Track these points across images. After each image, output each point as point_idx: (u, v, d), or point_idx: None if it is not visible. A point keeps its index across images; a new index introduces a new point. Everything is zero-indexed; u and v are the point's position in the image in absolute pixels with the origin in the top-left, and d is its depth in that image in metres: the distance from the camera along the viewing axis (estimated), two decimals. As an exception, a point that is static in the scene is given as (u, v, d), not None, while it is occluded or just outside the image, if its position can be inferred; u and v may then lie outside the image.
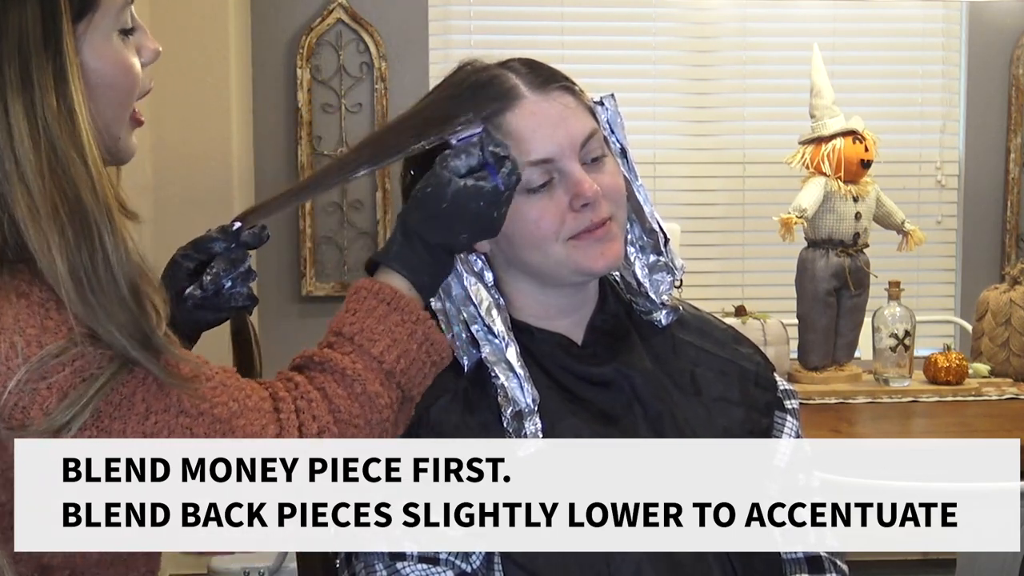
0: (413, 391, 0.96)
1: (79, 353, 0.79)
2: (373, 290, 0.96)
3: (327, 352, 0.93)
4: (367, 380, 0.92)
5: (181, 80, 3.02)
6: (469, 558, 1.02)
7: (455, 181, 0.97)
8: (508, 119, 1.03)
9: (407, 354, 0.94)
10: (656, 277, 1.14)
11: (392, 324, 0.94)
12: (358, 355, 0.93)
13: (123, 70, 0.88)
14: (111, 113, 0.88)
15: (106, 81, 0.87)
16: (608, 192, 1.05)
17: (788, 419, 1.18)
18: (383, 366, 0.93)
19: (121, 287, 0.81)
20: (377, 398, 0.92)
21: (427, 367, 0.97)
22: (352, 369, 0.92)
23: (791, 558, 1.16)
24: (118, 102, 0.89)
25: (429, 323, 0.97)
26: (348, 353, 0.93)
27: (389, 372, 0.93)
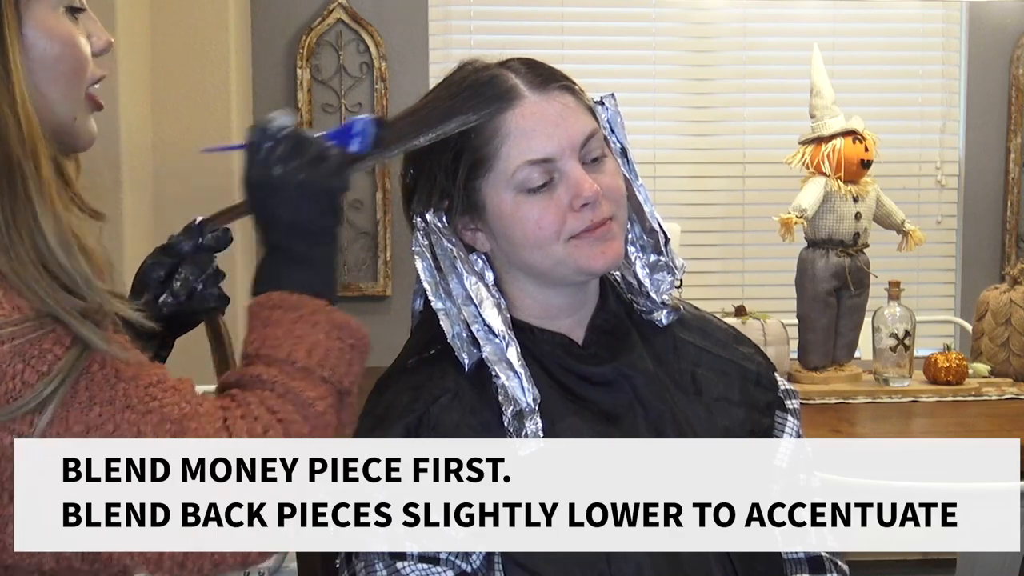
0: (344, 382, 0.93)
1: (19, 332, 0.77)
2: (259, 303, 0.93)
3: (241, 371, 0.92)
4: (286, 382, 0.90)
5: (181, 80, 3.02)
6: (469, 558, 1.02)
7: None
8: (508, 118, 1.03)
9: (317, 346, 0.91)
10: (657, 277, 1.14)
11: (289, 324, 0.92)
12: (267, 364, 0.91)
13: (69, 45, 0.87)
14: (60, 90, 0.87)
15: (52, 54, 0.86)
16: (608, 192, 1.05)
17: (789, 419, 1.18)
18: (296, 365, 0.90)
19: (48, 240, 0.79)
20: (303, 393, 0.89)
21: (346, 352, 0.93)
22: (268, 374, 0.90)
23: (792, 558, 1.16)
24: (66, 78, 0.88)
25: (328, 310, 0.93)
26: (258, 366, 0.91)
27: (305, 368, 0.91)
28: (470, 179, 1.05)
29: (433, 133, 1.01)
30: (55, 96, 0.87)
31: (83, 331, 0.80)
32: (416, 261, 1.06)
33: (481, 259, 1.09)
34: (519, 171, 1.03)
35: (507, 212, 1.04)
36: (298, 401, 0.89)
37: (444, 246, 1.06)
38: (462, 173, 1.05)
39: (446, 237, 1.06)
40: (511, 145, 1.03)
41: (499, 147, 1.03)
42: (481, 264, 1.09)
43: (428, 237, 1.07)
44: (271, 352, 0.91)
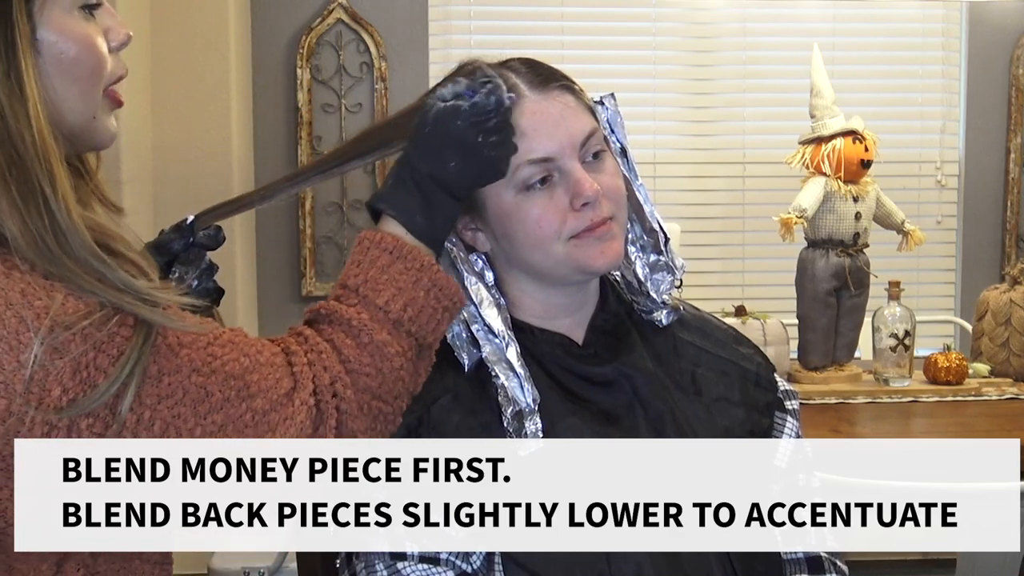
0: (428, 338, 0.96)
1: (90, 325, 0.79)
2: (375, 240, 0.95)
3: (333, 304, 0.94)
4: (373, 330, 0.92)
5: (181, 80, 3.02)
6: (470, 558, 1.02)
7: (437, 105, 0.96)
8: None
9: (414, 302, 0.94)
10: (657, 276, 1.14)
11: (395, 273, 0.94)
12: (363, 306, 0.93)
13: (86, 46, 0.87)
14: (78, 90, 0.87)
15: (69, 56, 0.86)
16: (608, 191, 1.05)
17: (788, 419, 1.18)
18: (389, 316, 0.93)
19: (75, 246, 0.80)
20: (386, 347, 0.92)
21: (438, 313, 0.96)
22: (358, 320, 0.92)
23: (791, 558, 1.16)
24: (84, 79, 0.88)
25: (434, 268, 0.96)
26: (353, 305, 0.93)
27: (396, 321, 0.93)
28: None
29: None
30: (73, 98, 0.87)
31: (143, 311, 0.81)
32: None
33: (481, 259, 1.09)
34: (519, 170, 1.03)
35: (507, 211, 1.04)
36: (379, 353, 0.92)
37: (445, 246, 1.06)
38: None
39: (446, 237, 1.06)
40: None
41: None
42: (481, 264, 1.09)
43: None
44: (370, 295, 0.93)
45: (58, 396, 0.77)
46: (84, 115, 0.88)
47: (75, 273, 0.80)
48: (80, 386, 0.77)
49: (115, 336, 0.79)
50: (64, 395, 0.77)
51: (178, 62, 3.01)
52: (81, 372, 0.78)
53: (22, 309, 0.77)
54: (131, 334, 0.80)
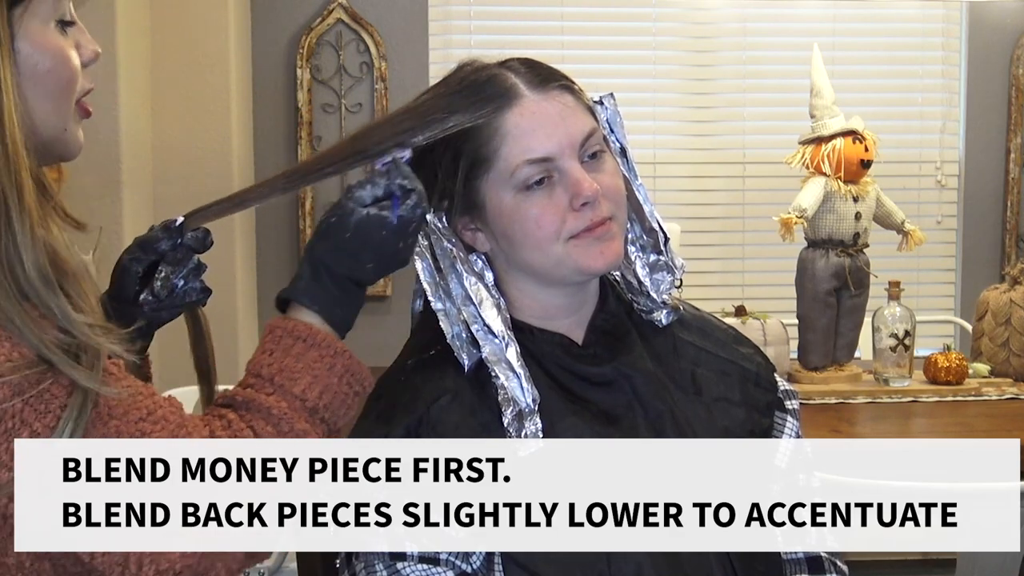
0: (338, 423, 0.95)
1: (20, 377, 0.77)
2: (288, 328, 0.94)
3: (250, 392, 0.92)
4: (293, 419, 0.90)
5: (181, 80, 3.02)
6: (469, 558, 1.02)
7: (358, 211, 0.95)
8: (507, 118, 1.03)
9: (328, 389, 0.93)
10: (656, 276, 1.14)
11: (311, 361, 0.93)
12: (280, 395, 0.91)
13: (61, 60, 0.88)
14: (51, 104, 0.87)
15: (44, 68, 0.86)
16: (608, 191, 1.05)
17: (788, 419, 1.18)
18: (306, 404, 0.92)
19: (28, 270, 0.79)
20: (305, 435, 0.91)
21: (349, 398, 0.96)
22: (277, 408, 0.90)
23: (791, 558, 1.16)
24: (58, 92, 0.88)
25: (347, 354, 0.95)
26: (271, 394, 0.91)
27: (312, 409, 0.92)
28: (470, 179, 1.05)
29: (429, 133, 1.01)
30: (46, 109, 0.87)
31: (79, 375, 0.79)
32: (416, 262, 1.06)
33: (481, 259, 1.09)
34: (518, 170, 1.03)
35: (507, 211, 1.04)
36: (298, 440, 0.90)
37: (444, 246, 1.06)
38: (462, 173, 1.05)
39: (446, 237, 1.06)
40: (510, 145, 1.03)
41: (499, 147, 1.03)
42: (481, 264, 1.09)
43: (428, 238, 1.07)
44: (286, 384, 0.92)
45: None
46: (56, 127, 0.88)
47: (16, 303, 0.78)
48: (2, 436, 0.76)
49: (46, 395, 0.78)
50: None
51: (178, 62, 3.01)
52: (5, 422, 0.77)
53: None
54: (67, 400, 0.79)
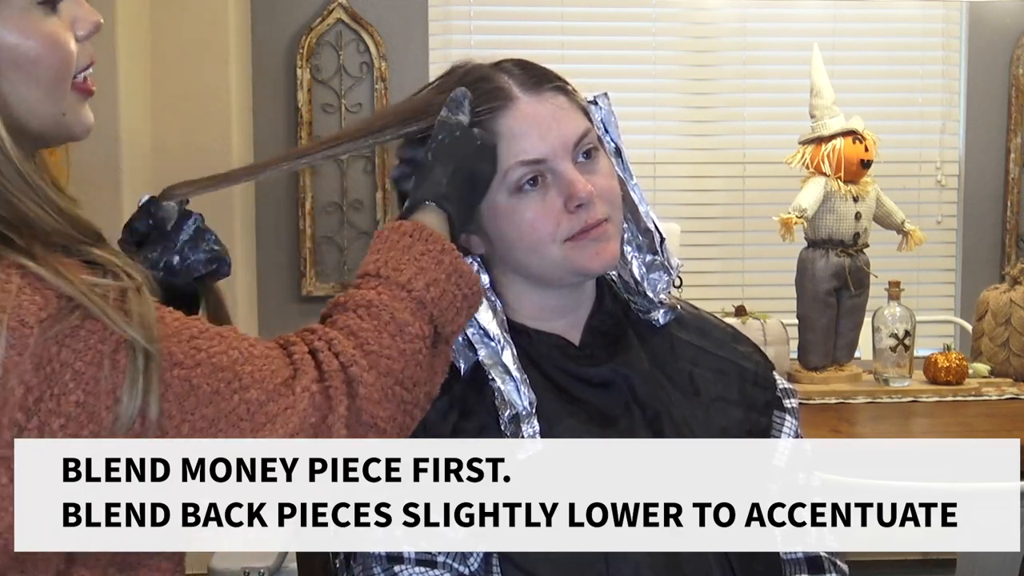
0: (447, 327, 0.92)
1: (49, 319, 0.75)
2: (394, 227, 0.94)
3: (352, 292, 0.91)
4: (395, 308, 0.88)
5: (181, 80, 3.02)
6: (467, 560, 1.02)
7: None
8: (500, 120, 1.03)
9: (436, 283, 0.91)
10: (653, 276, 1.14)
11: (417, 253, 0.91)
12: (384, 286, 0.90)
13: (48, 45, 0.84)
14: (42, 90, 0.85)
15: (29, 57, 0.83)
16: (602, 192, 1.04)
17: (787, 418, 1.18)
18: (412, 294, 0.90)
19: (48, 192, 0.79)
20: (407, 327, 0.88)
21: (459, 300, 0.93)
22: (378, 300, 0.88)
23: (790, 558, 1.16)
24: (48, 79, 0.85)
25: (456, 254, 0.94)
26: (374, 287, 0.90)
27: (419, 301, 0.90)
28: None
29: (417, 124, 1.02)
30: (38, 97, 0.84)
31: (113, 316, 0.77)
32: None
33: (476, 262, 1.09)
34: (511, 172, 1.02)
35: (501, 214, 1.04)
36: (401, 334, 0.88)
37: None
38: None
39: None
40: (503, 147, 1.02)
41: None
42: (476, 267, 1.08)
43: None
44: (391, 274, 0.90)
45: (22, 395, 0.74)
46: (51, 115, 0.86)
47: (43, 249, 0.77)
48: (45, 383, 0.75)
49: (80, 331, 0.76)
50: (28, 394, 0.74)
51: (178, 62, 3.01)
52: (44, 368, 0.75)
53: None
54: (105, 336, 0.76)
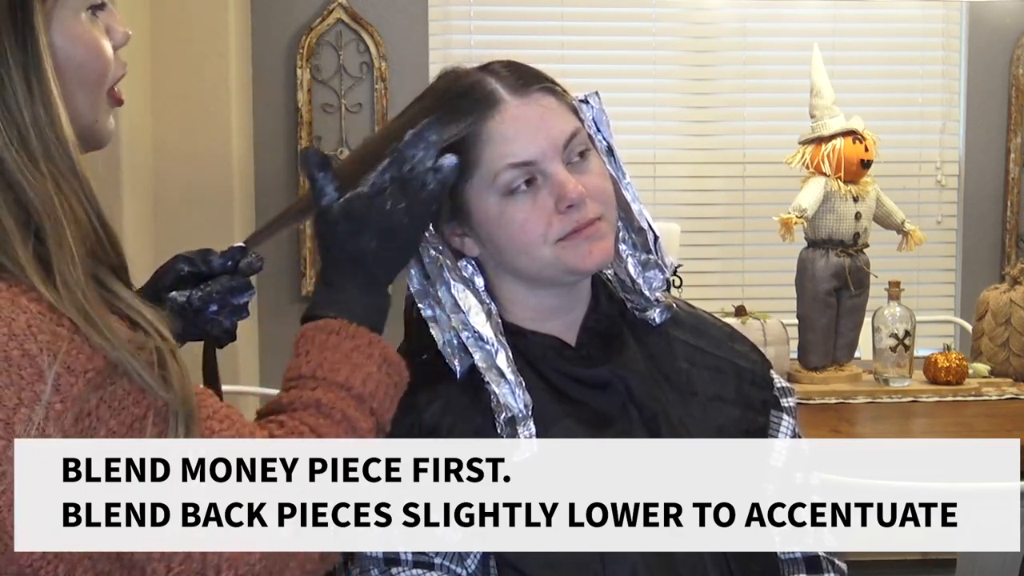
0: (384, 417, 0.94)
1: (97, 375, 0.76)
2: (318, 326, 0.93)
3: (294, 393, 0.91)
4: (343, 407, 0.89)
5: (181, 80, 3.02)
6: (464, 562, 1.02)
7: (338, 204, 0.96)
8: (489, 125, 1.03)
9: (371, 377, 0.92)
10: (649, 274, 1.13)
11: (347, 351, 0.92)
12: (325, 387, 0.90)
13: (93, 51, 0.86)
14: (83, 96, 0.86)
15: (76, 62, 0.84)
16: (594, 192, 1.04)
17: (785, 418, 1.18)
18: (352, 392, 0.90)
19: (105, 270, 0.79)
20: (357, 423, 0.90)
21: (391, 389, 0.94)
22: (325, 399, 0.89)
23: (788, 558, 1.16)
24: (90, 84, 0.86)
25: (382, 343, 0.94)
26: (314, 389, 0.90)
27: (359, 397, 0.91)
28: (455, 185, 1.05)
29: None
30: (79, 101, 0.85)
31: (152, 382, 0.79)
32: None
33: (471, 264, 1.08)
34: (500, 174, 1.02)
35: (492, 217, 1.04)
36: (355, 431, 0.89)
37: (431, 255, 1.06)
38: None
39: (433, 246, 1.06)
40: (492, 150, 1.02)
41: (481, 152, 1.03)
42: (471, 270, 1.08)
43: None
44: (329, 375, 0.90)
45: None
46: (88, 119, 0.87)
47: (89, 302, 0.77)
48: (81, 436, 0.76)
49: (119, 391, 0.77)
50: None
51: (178, 62, 3.01)
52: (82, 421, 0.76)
53: (27, 342, 0.74)
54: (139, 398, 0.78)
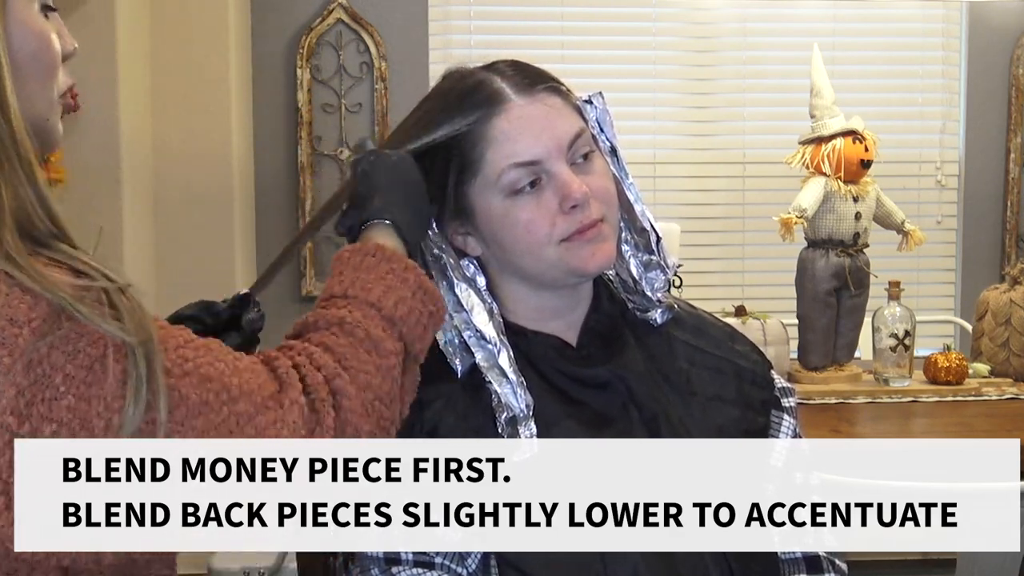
0: (415, 345, 0.93)
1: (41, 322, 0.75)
2: (355, 249, 0.94)
3: (320, 311, 0.91)
4: (368, 326, 0.89)
5: (181, 80, 3.02)
6: (465, 562, 1.02)
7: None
8: (493, 124, 1.03)
9: (404, 301, 0.92)
10: (651, 275, 1.14)
11: (383, 272, 0.92)
12: (354, 305, 0.90)
13: (45, 42, 0.86)
14: (35, 87, 0.86)
15: (28, 50, 0.84)
16: (597, 193, 1.04)
17: (785, 417, 1.18)
18: (382, 312, 0.90)
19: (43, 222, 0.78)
20: (381, 343, 0.89)
21: (424, 318, 0.94)
22: (350, 317, 0.89)
23: (789, 558, 1.16)
24: (41, 75, 0.86)
25: (419, 271, 0.95)
26: (343, 306, 0.90)
27: (389, 318, 0.90)
28: (458, 184, 1.05)
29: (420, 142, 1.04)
30: (29, 93, 0.85)
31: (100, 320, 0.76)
32: None
33: (473, 264, 1.08)
34: (505, 174, 1.02)
35: (496, 217, 1.04)
36: (377, 350, 0.89)
37: (434, 253, 1.06)
38: (451, 179, 1.05)
39: (435, 245, 1.06)
40: (496, 150, 1.03)
41: (484, 152, 1.03)
42: (473, 269, 1.08)
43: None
44: (360, 294, 0.91)
45: (13, 397, 0.74)
46: (38, 114, 0.87)
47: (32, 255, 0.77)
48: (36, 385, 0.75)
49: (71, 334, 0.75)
50: (20, 396, 0.74)
51: (178, 62, 3.01)
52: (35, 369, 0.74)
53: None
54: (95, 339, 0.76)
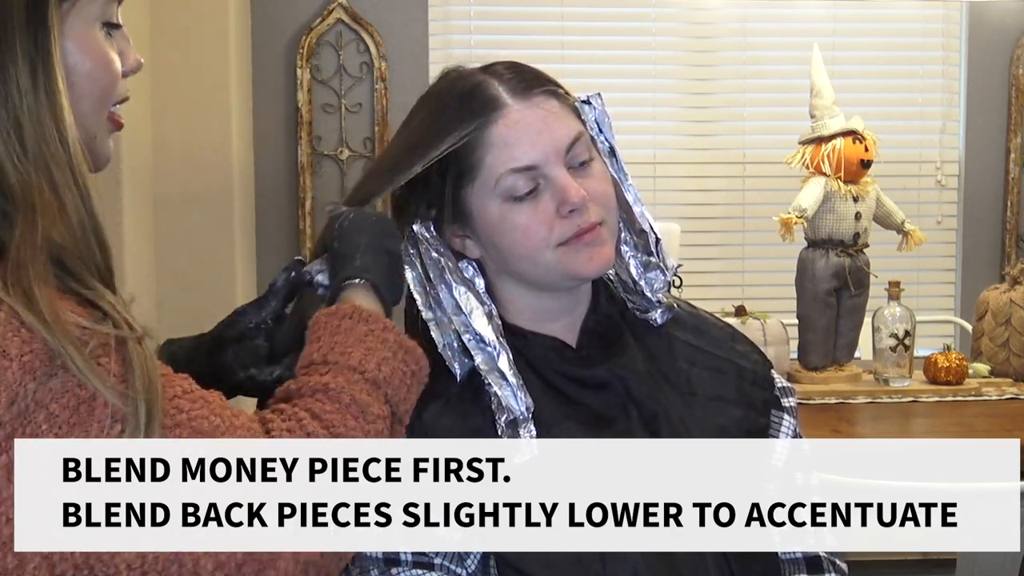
0: (400, 407, 0.92)
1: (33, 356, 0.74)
2: (331, 312, 0.92)
3: (302, 379, 0.89)
4: (353, 391, 0.88)
5: (181, 80, 3.02)
6: (464, 562, 1.02)
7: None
8: (492, 129, 1.03)
9: (386, 361, 0.90)
10: (651, 275, 1.14)
11: (361, 334, 0.91)
12: (335, 371, 0.88)
13: (103, 63, 0.85)
14: (86, 107, 0.85)
15: (83, 71, 0.84)
16: (596, 196, 1.04)
17: (785, 417, 1.18)
18: (365, 376, 0.89)
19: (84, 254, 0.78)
20: (368, 407, 0.88)
21: (408, 377, 0.93)
22: (334, 383, 0.87)
23: (789, 558, 1.16)
24: (95, 97, 0.86)
25: (398, 331, 0.93)
26: (325, 373, 0.89)
27: (373, 381, 0.89)
28: (457, 189, 1.05)
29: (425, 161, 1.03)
30: (81, 113, 0.85)
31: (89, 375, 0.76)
32: (405, 271, 1.06)
33: (472, 266, 1.08)
34: (503, 179, 1.02)
35: (494, 221, 1.04)
36: (364, 415, 0.88)
37: (432, 256, 1.06)
38: (449, 183, 1.05)
39: (434, 248, 1.06)
40: (494, 155, 1.02)
41: (483, 157, 1.03)
42: (472, 271, 1.08)
43: (416, 247, 1.07)
44: (340, 359, 0.89)
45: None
46: (86, 134, 0.86)
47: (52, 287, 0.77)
48: (17, 420, 0.75)
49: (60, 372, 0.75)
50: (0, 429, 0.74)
51: (178, 62, 3.01)
52: (17, 404, 0.75)
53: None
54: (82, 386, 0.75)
